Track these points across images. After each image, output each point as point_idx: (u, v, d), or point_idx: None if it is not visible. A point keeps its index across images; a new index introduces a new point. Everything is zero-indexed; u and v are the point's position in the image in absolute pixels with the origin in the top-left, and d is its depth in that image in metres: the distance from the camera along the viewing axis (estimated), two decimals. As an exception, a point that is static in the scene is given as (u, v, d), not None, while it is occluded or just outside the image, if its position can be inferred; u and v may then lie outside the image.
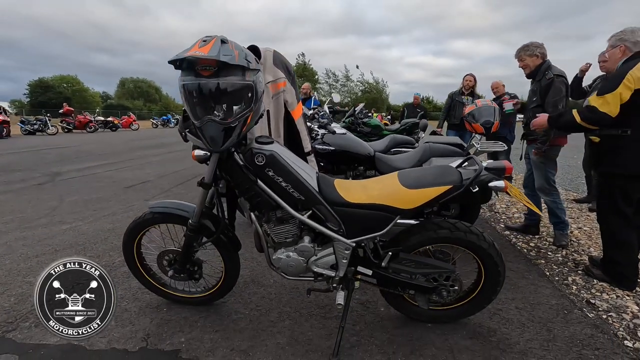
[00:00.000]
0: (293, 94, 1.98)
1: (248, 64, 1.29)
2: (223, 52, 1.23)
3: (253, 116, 1.41)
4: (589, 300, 2.19)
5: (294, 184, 1.55)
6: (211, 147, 1.39)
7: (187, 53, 1.23)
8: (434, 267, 1.66)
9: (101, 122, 21.58)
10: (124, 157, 9.01)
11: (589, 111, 2.16)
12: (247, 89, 1.33)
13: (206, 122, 1.32)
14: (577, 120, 2.19)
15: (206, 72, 1.24)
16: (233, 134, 1.37)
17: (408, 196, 1.51)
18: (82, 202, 4.47)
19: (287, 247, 1.71)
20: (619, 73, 2.13)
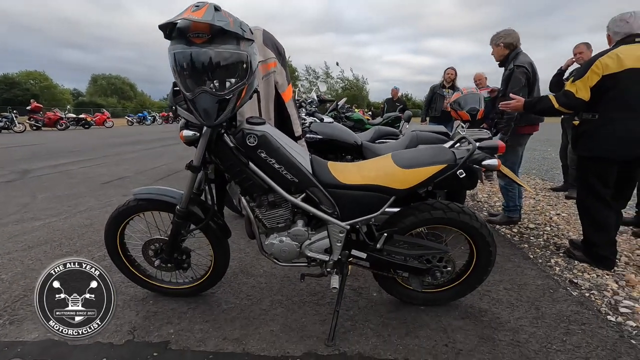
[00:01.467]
0: (284, 75, 1.92)
1: (243, 32, 1.23)
2: (217, 17, 1.17)
3: (248, 89, 1.35)
4: (572, 280, 2.26)
5: (287, 166, 1.51)
6: (204, 120, 1.33)
7: (180, 17, 1.16)
8: (427, 248, 1.67)
9: (73, 119, 20.66)
10: (99, 153, 8.67)
11: (565, 96, 2.27)
12: (241, 60, 1.27)
13: (199, 93, 1.26)
14: (555, 106, 2.29)
15: (199, 40, 1.17)
16: (227, 107, 1.31)
17: (403, 176, 1.50)
18: (56, 198, 4.25)
19: (279, 232, 1.67)
20: (590, 60, 2.24)
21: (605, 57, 2.15)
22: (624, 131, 2.17)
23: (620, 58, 2.11)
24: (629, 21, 2.19)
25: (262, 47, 1.81)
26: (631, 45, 2.17)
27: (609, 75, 2.12)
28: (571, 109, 2.31)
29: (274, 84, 1.90)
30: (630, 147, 2.19)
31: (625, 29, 2.21)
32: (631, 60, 2.10)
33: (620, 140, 2.19)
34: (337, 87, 42.21)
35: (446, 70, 5.92)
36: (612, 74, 2.12)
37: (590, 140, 2.29)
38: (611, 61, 2.12)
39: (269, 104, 1.97)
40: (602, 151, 2.26)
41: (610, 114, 2.19)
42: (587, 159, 2.36)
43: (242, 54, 1.26)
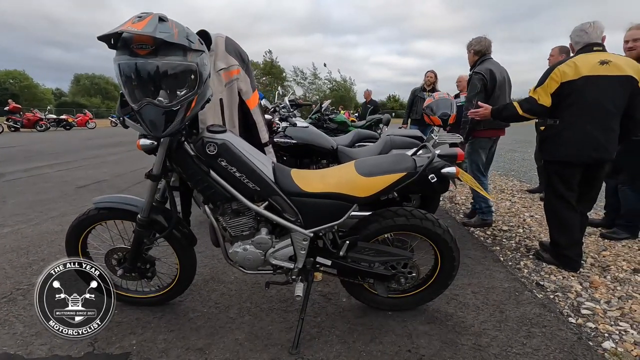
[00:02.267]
0: (248, 82, 1.91)
1: (190, 43, 1.22)
2: (160, 29, 1.15)
3: (198, 100, 1.34)
4: (538, 282, 2.31)
5: (248, 174, 1.50)
6: (151, 132, 1.31)
7: (118, 29, 1.14)
8: (391, 254, 1.68)
9: (53, 120, 20.11)
10: (78, 156, 8.47)
11: (527, 102, 2.36)
12: (189, 71, 1.26)
13: (144, 105, 1.24)
14: (520, 112, 2.39)
15: (142, 51, 1.15)
16: (175, 118, 1.30)
17: (364, 184, 1.51)
18: (27, 203, 4.14)
19: (243, 240, 1.66)
20: (550, 68, 2.32)
21: (564, 65, 2.24)
22: (582, 135, 2.24)
23: (577, 66, 2.19)
24: (587, 31, 2.27)
25: (225, 55, 1.80)
26: (588, 54, 2.25)
27: (567, 82, 2.20)
28: (534, 114, 2.41)
29: (238, 92, 1.89)
30: (588, 150, 2.26)
31: (585, 39, 2.28)
32: (587, 68, 2.18)
33: (579, 144, 2.26)
34: (325, 88, 42.23)
35: (426, 73, 5.99)
36: (570, 81, 2.20)
37: (553, 145, 2.37)
38: (569, 69, 2.20)
39: (232, 111, 1.96)
40: (563, 155, 2.33)
41: (570, 120, 2.27)
42: (551, 163, 2.43)
43: (190, 64, 1.24)
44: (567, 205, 2.40)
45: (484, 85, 3.04)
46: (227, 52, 1.79)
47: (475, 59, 3.27)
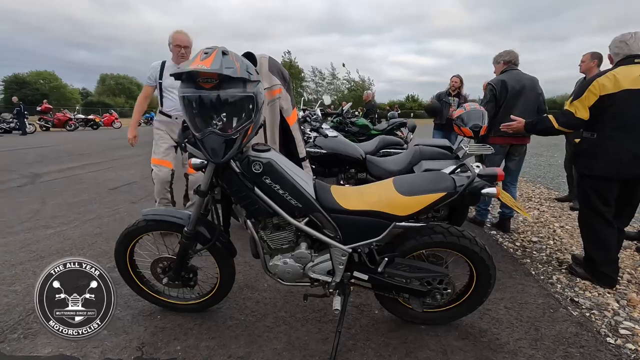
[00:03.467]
0: (288, 100, 1.99)
1: (249, 75, 1.28)
2: (225, 64, 1.22)
3: (253, 127, 1.40)
4: (573, 299, 2.27)
5: (291, 191, 1.56)
6: (212, 158, 1.38)
7: (189, 66, 1.21)
8: (428, 271, 1.70)
9: (81, 120, 20.94)
10: (107, 156, 8.79)
11: (564, 116, 2.31)
12: (248, 101, 1.32)
13: (208, 134, 1.31)
14: (555, 126, 2.34)
15: (207, 85, 1.23)
16: (234, 145, 1.37)
17: (403, 203, 1.54)
18: (66, 205, 4.35)
19: (283, 253, 1.72)
20: (588, 80, 2.28)
21: (603, 77, 2.19)
22: (621, 150, 2.20)
23: (617, 79, 2.14)
24: (628, 42, 2.22)
25: (268, 75, 1.87)
26: (629, 66, 2.20)
27: (606, 95, 2.15)
28: (571, 128, 2.35)
29: (279, 109, 1.96)
30: (628, 166, 2.21)
31: (625, 50, 2.23)
32: (628, 81, 2.13)
33: (619, 159, 2.22)
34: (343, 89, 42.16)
35: (451, 78, 5.93)
36: (610, 95, 2.15)
37: (590, 159, 2.32)
38: (608, 82, 2.15)
39: (274, 128, 2.03)
40: (601, 170, 2.28)
41: (608, 134, 2.22)
42: (588, 177, 2.38)
43: (249, 95, 1.31)
44: (604, 221, 2.35)
45: (494, 96, 3.22)
46: (270, 72, 1.86)
47: (502, 69, 3.39)
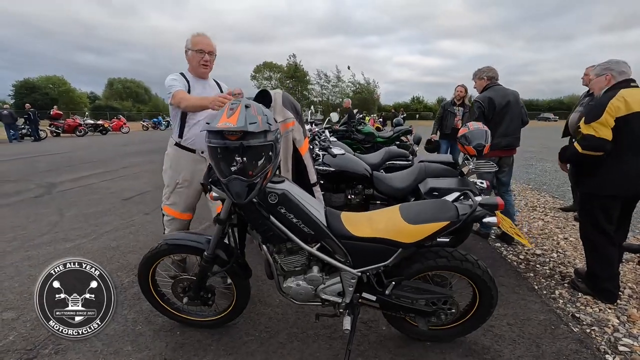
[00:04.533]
0: (301, 131, 2.09)
1: (269, 126, 1.40)
2: (249, 119, 1.34)
3: (272, 169, 1.52)
4: (574, 315, 2.35)
5: (304, 220, 1.67)
6: (235, 200, 1.50)
7: (217, 124, 1.34)
8: (433, 292, 1.80)
9: (91, 125, 21.35)
10: (118, 164, 9.01)
11: (586, 140, 2.31)
12: (268, 148, 1.44)
13: (232, 179, 1.43)
14: (580, 151, 2.34)
15: (233, 137, 1.35)
16: (256, 187, 1.49)
17: (409, 231, 1.64)
18: (82, 216, 4.51)
19: (296, 275, 1.83)
20: (601, 102, 2.32)
21: (615, 100, 2.24)
22: (632, 169, 2.29)
23: (628, 102, 2.22)
24: (625, 69, 2.33)
25: (282, 109, 1.99)
26: (632, 90, 2.28)
27: (621, 117, 2.22)
28: (594, 150, 2.31)
29: (292, 140, 2.08)
30: (636, 184, 2.31)
31: (625, 74, 2.34)
32: (637, 104, 2.22)
33: (630, 178, 2.30)
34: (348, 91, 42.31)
35: (456, 87, 6.02)
36: (623, 117, 2.22)
37: (600, 178, 2.37)
38: (621, 104, 2.23)
39: (287, 158, 2.15)
40: (612, 189, 2.34)
41: (621, 153, 2.28)
42: (594, 196, 2.43)
43: (269, 143, 1.43)
44: (608, 239, 2.42)
45: (482, 113, 3.38)
46: (283, 106, 1.97)
47: (486, 84, 3.58)
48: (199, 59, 2.30)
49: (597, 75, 2.48)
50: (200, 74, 2.36)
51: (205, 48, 2.30)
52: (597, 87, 2.50)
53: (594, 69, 2.53)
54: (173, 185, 2.43)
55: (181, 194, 2.43)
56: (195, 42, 2.31)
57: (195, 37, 2.33)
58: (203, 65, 2.32)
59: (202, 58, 2.30)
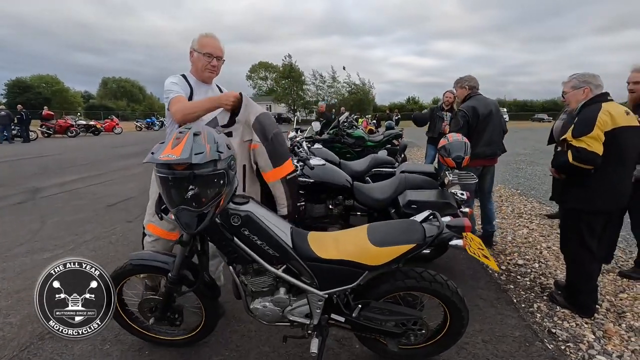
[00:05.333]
0: (266, 158, 1.98)
1: (219, 155, 1.37)
2: (195, 149, 1.30)
3: (225, 198, 1.48)
4: (551, 330, 2.34)
5: (268, 242, 1.63)
6: (186, 230, 1.47)
7: (160, 156, 1.30)
8: (402, 314, 1.78)
9: (83, 126, 21.16)
10: (108, 167, 8.92)
11: (577, 152, 2.25)
12: (219, 177, 1.40)
13: (181, 210, 1.40)
14: (570, 160, 2.28)
15: (180, 167, 1.31)
16: (206, 218, 1.45)
17: (375, 253, 1.61)
18: (64, 224, 4.45)
19: (263, 296, 1.79)
20: (589, 116, 2.26)
21: (602, 114, 2.21)
22: (619, 184, 2.30)
23: (613, 116, 2.20)
24: (600, 82, 2.36)
25: (250, 129, 1.93)
26: (612, 104, 2.28)
27: (608, 131, 2.19)
28: (587, 163, 2.24)
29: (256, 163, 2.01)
30: (623, 198, 2.34)
31: (601, 88, 2.33)
32: (621, 118, 2.21)
33: (617, 193, 2.32)
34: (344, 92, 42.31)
35: (445, 93, 6.01)
36: (610, 131, 2.20)
37: (588, 194, 2.33)
38: (607, 118, 2.20)
39: (254, 178, 2.10)
40: (602, 204, 2.32)
41: (607, 168, 2.24)
42: (581, 212, 2.39)
43: (219, 172, 1.39)
44: (591, 255, 2.40)
45: (467, 122, 3.40)
46: (252, 128, 1.91)
47: (467, 94, 3.62)
48: (205, 63, 2.09)
49: (573, 88, 2.46)
50: (205, 79, 2.17)
51: (214, 52, 2.10)
52: (573, 100, 2.47)
53: (569, 82, 2.50)
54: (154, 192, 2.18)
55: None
56: (203, 44, 2.09)
57: (203, 37, 2.11)
58: (209, 71, 2.13)
59: (209, 63, 2.10)
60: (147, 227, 2.26)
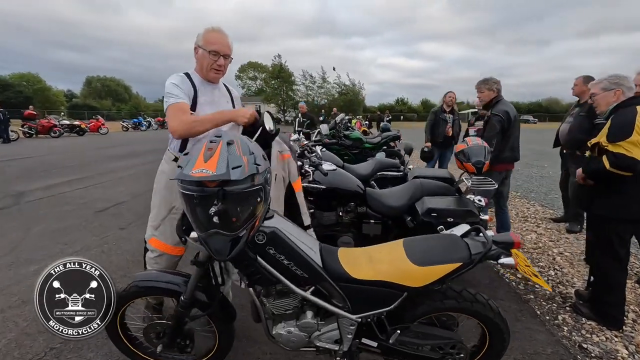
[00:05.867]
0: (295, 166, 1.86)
1: (257, 168, 1.17)
2: (232, 162, 1.10)
3: (261, 218, 1.29)
4: (581, 345, 2.22)
5: (296, 261, 1.45)
6: (216, 257, 1.27)
7: (192, 171, 1.09)
8: (440, 337, 1.62)
9: (66, 126, 20.43)
10: (94, 170, 8.53)
11: (617, 158, 2.13)
12: (256, 194, 1.21)
13: (212, 234, 1.20)
14: (607, 167, 2.15)
15: (211, 184, 1.11)
16: (240, 241, 1.26)
17: (417, 274, 1.45)
18: (50, 232, 4.15)
19: (287, 320, 1.61)
20: (626, 120, 2.14)
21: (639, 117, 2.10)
22: None
23: None
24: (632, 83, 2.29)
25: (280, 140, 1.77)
26: None
27: None
28: (626, 169, 2.13)
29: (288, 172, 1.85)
30: None
31: (634, 89, 2.24)
32: None
33: None
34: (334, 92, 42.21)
35: (446, 94, 5.91)
36: None
37: (622, 201, 2.21)
38: None
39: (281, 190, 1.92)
40: (637, 210, 2.19)
41: None
42: (611, 220, 2.27)
43: (257, 188, 1.20)
44: (621, 266, 2.29)
45: (502, 127, 3.31)
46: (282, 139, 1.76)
47: (494, 97, 3.53)
48: (211, 62, 1.88)
49: (604, 90, 2.35)
50: (210, 79, 1.97)
51: (221, 50, 1.88)
52: (603, 102, 2.36)
53: (600, 83, 2.39)
54: (166, 210, 1.97)
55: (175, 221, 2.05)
56: (209, 40, 1.87)
57: (209, 32, 1.89)
58: (215, 70, 1.92)
59: (215, 62, 1.88)
60: (150, 242, 2.05)
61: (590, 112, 3.95)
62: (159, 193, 2.05)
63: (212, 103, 1.98)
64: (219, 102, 2.03)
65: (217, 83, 2.06)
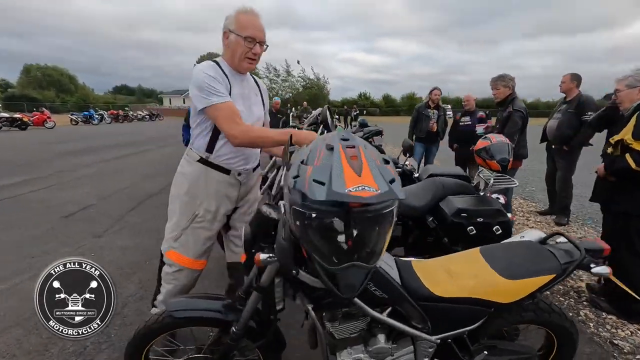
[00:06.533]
0: None
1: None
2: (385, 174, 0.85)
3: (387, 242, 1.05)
4: (612, 341, 2.23)
5: (375, 281, 1.25)
6: (343, 294, 1.02)
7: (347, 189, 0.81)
8: (515, 352, 1.51)
9: (6, 119, 18.36)
10: (50, 168, 7.65)
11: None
12: (391, 216, 0.97)
13: (348, 267, 0.95)
14: (633, 167, 2.13)
15: (357, 204, 0.87)
16: (369, 274, 1.03)
17: (508, 288, 1.31)
18: (13, 243, 3.58)
19: (353, 345, 1.41)
20: None
21: None
22: None
23: None
24: None
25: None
26: None
27: None
28: None
29: None
30: None
31: None
32: None
33: None
34: (298, 86, 41.71)
35: (432, 90, 5.90)
36: None
37: None
38: None
39: None
40: None
41: None
42: (633, 217, 2.29)
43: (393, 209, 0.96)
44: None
45: (524, 123, 3.38)
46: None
47: (509, 93, 3.59)
48: (246, 50, 1.62)
49: (629, 87, 2.36)
50: (243, 69, 1.73)
51: (257, 36, 1.63)
52: (627, 99, 2.38)
53: (624, 80, 2.40)
54: (189, 218, 1.74)
55: (199, 233, 1.76)
56: (242, 24, 1.61)
57: (242, 14, 1.63)
58: (249, 60, 1.67)
59: (250, 50, 1.63)
60: (167, 255, 1.80)
61: (578, 109, 4.09)
62: (179, 199, 1.77)
63: (242, 97, 1.74)
64: (249, 96, 1.79)
65: (245, 74, 1.80)
